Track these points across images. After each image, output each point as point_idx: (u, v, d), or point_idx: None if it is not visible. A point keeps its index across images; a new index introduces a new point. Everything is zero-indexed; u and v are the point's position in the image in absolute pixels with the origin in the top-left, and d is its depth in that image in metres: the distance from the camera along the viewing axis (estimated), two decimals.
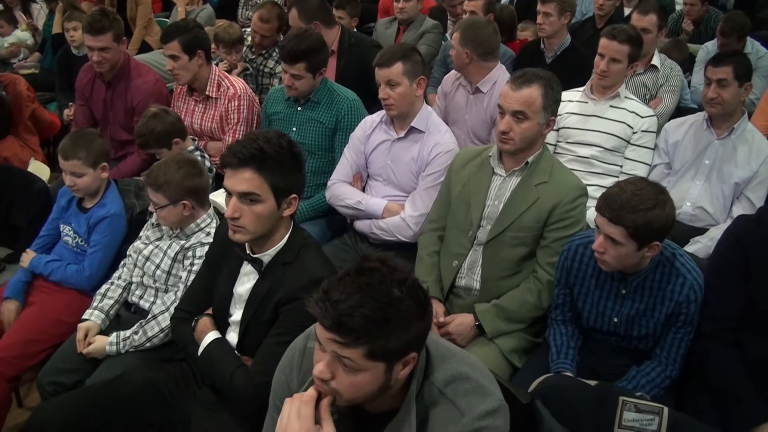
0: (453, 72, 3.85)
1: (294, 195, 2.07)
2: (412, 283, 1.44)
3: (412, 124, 3.02)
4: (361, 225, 3.10)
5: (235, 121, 3.69)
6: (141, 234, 2.80)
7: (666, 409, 2.01)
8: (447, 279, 2.66)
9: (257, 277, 2.14)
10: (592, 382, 2.19)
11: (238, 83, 3.78)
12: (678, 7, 6.35)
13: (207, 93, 3.71)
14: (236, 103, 3.68)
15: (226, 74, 3.88)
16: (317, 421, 1.46)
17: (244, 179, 1.98)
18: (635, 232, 2.11)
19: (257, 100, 3.89)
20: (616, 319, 2.35)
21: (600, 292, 2.37)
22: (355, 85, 3.67)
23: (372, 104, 3.41)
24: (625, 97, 3.42)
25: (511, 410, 1.65)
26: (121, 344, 2.51)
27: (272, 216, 2.04)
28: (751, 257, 2.27)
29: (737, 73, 3.14)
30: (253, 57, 4.69)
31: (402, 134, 3.05)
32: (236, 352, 2.18)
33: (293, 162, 2.05)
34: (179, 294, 2.52)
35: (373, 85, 3.10)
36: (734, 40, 4.87)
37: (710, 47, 5.02)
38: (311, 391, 1.48)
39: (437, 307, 2.62)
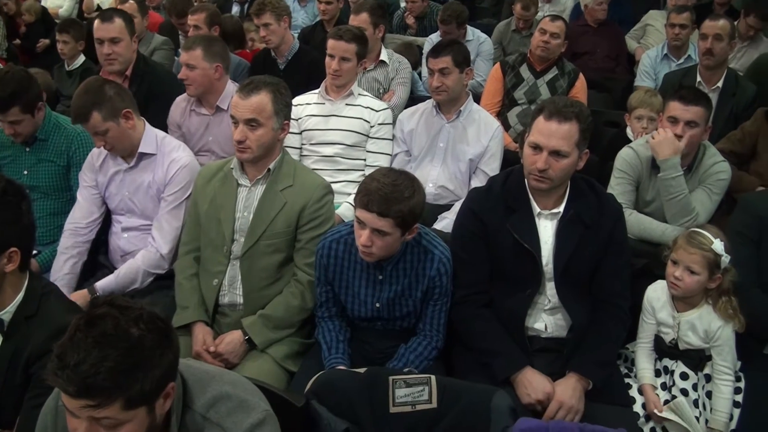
0: (180, 99, 3.66)
1: (13, 249, 1.89)
2: (148, 316, 1.39)
3: (140, 150, 2.90)
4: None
5: None
6: None
7: (433, 377, 2.09)
8: (210, 299, 2.60)
9: (1, 338, 1.94)
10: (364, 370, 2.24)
11: None
12: (403, 4, 6.72)
13: None
14: None
15: None
16: None
17: None
18: (402, 220, 2.23)
19: None
20: (378, 305, 2.45)
21: (359, 282, 2.45)
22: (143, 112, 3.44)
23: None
24: (359, 94, 3.56)
25: (287, 415, 1.66)
26: None
27: None
28: (486, 224, 2.47)
29: (456, 61, 3.37)
30: None
31: (132, 162, 2.92)
32: None
33: (7, 212, 1.88)
34: None
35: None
36: (454, 27, 5.16)
37: (434, 39, 5.27)
38: None
39: (204, 332, 2.55)
